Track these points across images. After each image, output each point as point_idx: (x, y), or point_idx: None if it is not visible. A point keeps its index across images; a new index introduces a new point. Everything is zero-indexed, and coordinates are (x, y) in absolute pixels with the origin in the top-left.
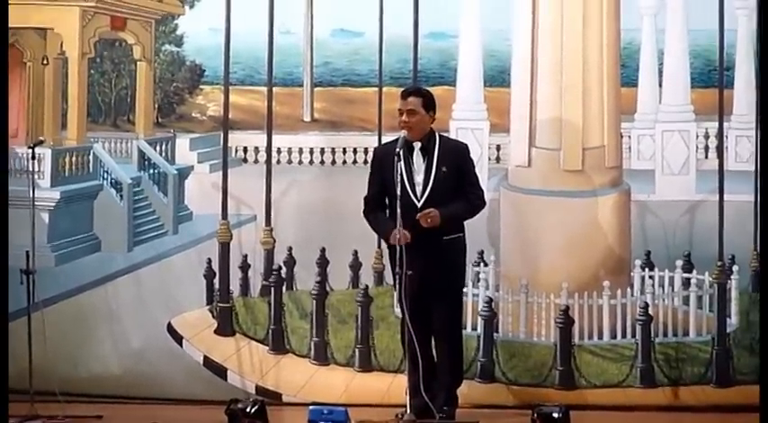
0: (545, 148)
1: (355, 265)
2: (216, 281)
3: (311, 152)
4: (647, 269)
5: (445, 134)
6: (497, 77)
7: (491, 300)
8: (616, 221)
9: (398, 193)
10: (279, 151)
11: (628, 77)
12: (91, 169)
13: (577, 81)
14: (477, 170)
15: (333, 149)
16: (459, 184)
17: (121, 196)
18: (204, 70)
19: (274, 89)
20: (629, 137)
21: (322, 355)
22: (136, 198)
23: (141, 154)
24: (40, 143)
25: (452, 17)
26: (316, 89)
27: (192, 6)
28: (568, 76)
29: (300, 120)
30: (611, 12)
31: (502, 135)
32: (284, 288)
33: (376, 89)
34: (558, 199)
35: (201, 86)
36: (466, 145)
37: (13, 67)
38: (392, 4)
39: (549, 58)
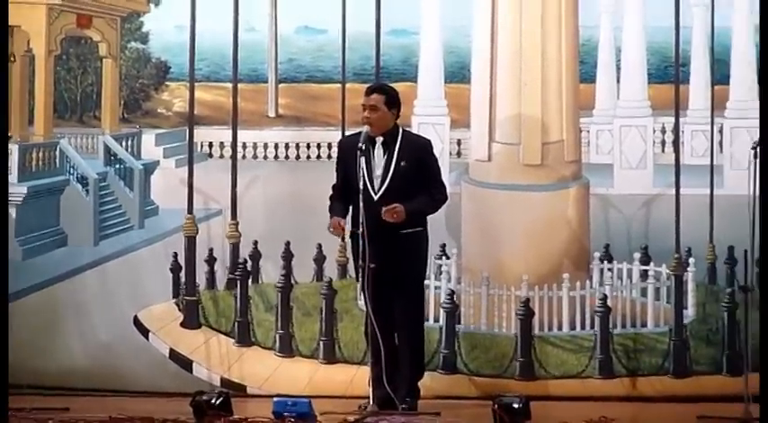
0: (505, 142)
1: (319, 259)
2: (182, 274)
3: (276, 147)
4: (605, 261)
5: (408, 129)
6: (458, 74)
7: (453, 292)
8: (575, 215)
9: (360, 186)
10: (244, 146)
11: (586, 73)
12: (57, 164)
13: (536, 77)
14: (439, 165)
15: (297, 144)
16: (420, 178)
17: (88, 191)
18: (170, 67)
19: (239, 85)
20: (588, 131)
21: (287, 348)
22: (102, 193)
23: (107, 149)
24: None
25: (414, 14)
26: (280, 85)
27: (157, 4)
28: (528, 72)
29: (265, 115)
30: (570, 9)
31: (462, 130)
32: (250, 281)
33: (339, 85)
34: (518, 193)
35: (167, 83)
36: (428, 140)
37: None
38: (355, 1)
39: (509, 54)
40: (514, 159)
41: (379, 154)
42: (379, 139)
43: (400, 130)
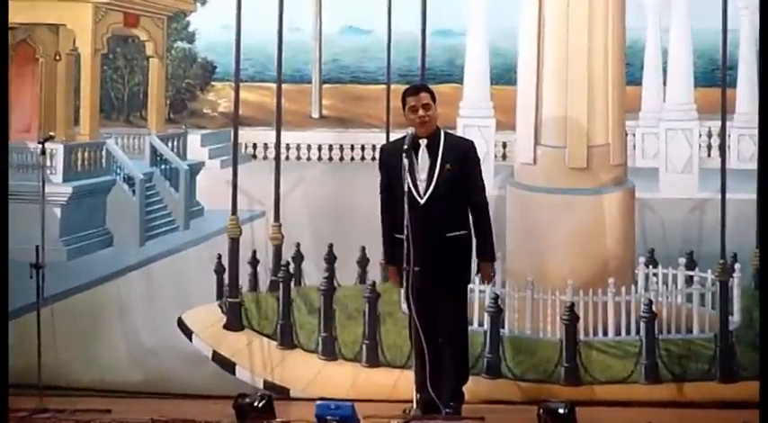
0: (550, 145)
1: (363, 261)
2: (226, 276)
3: (319, 149)
4: (650, 266)
5: (451, 131)
6: (504, 76)
7: (497, 296)
8: (620, 219)
9: (405, 189)
10: (288, 147)
11: (632, 76)
12: (104, 165)
13: (583, 79)
14: (483, 167)
15: (341, 146)
16: (463, 182)
17: (134, 191)
18: (215, 67)
19: (283, 86)
20: (634, 135)
21: (330, 351)
22: (148, 193)
23: (153, 150)
24: (51, 138)
25: (460, 15)
26: (324, 86)
27: (203, 3)
28: (574, 74)
29: (309, 116)
30: (617, 10)
31: (508, 132)
32: (292, 284)
33: (384, 86)
34: (563, 196)
35: (213, 83)
36: (472, 142)
37: (26, 63)
38: (400, 1)
39: (555, 55)
40: (560, 163)
41: (423, 157)
42: (423, 142)
43: (442, 132)
